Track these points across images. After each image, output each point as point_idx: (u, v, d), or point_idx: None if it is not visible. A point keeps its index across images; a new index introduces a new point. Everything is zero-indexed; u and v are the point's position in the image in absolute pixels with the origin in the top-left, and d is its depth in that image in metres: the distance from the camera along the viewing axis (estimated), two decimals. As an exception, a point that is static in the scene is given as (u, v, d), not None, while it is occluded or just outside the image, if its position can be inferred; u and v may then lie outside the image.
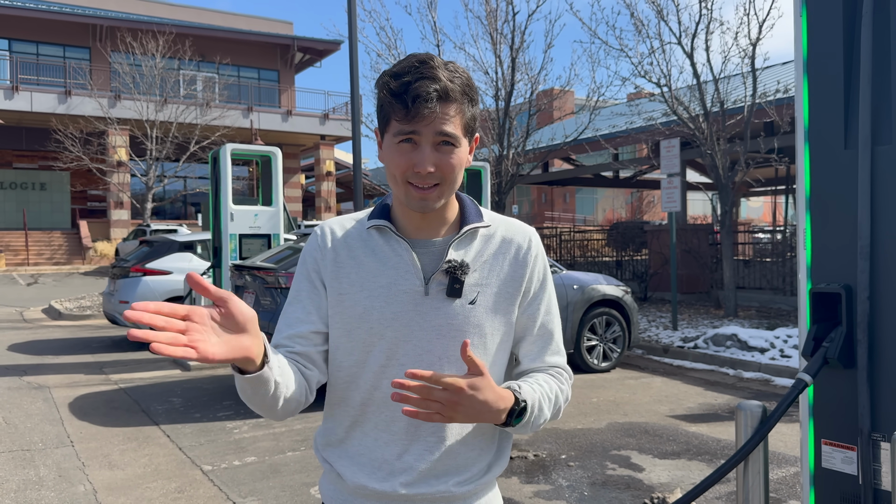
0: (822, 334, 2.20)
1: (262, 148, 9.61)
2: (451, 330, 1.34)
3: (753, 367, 7.96)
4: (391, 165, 1.30)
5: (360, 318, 1.33)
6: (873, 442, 2.14)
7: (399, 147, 1.28)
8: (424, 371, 1.14)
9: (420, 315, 1.33)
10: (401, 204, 1.35)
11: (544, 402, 1.35)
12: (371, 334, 1.33)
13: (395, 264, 1.34)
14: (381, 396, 1.34)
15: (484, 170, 11.92)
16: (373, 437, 1.35)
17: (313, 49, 33.63)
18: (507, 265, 1.40)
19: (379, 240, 1.36)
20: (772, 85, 13.45)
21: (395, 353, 1.33)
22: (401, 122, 1.26)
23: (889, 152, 2.11)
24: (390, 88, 1.26)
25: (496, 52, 14.92)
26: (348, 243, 1.37)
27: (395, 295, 1.32)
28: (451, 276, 1.34)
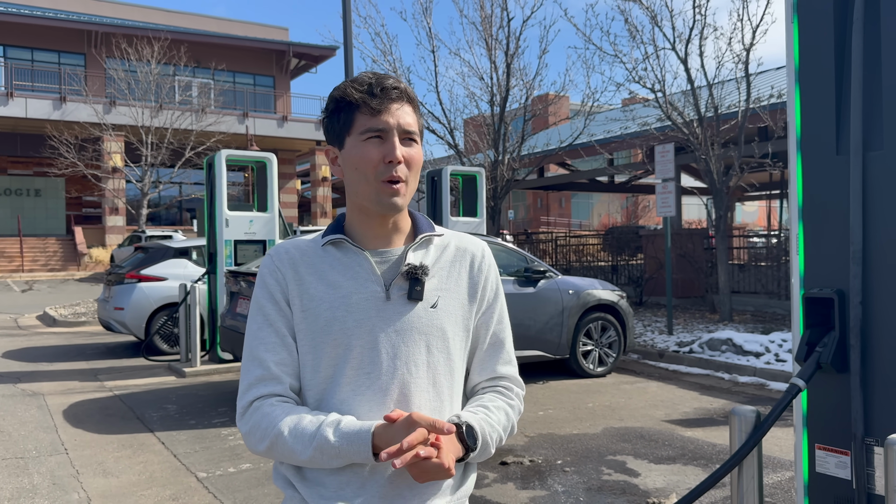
0: (816, 339, 2.21)
1: (257, 154, 9.60)
2: (416, 333, 1.35)
3: (749, 372, 7.97)
4: (361, 163, 1.32)
5: (324, 332, 1.33)
6: (867, 446, 2.15)
7: (368, 143, 1.32)
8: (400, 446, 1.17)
9: (383, 320, 1.33)
10: (362, 213, 1.38)
11: (492, 421, 1.40)
12: (336, 346, 1.32)
13: (354, 274, 1.35)
14: (348, 411, 1.31)
15: (479, 175, 11.93)
16: None
17: (309, 55, 33.66)
18: (465, 273, 1.44)
19: (336, 253, 1.38)
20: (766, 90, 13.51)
21: (360, 362, 1.33)
22: (369, 117, 1.32)
23: (880, 158, 2.12)
24: (355, 88, 1.33)
25: (491, 58, 14.97)
26: (307, 260, 1.38)
27: (357, 303, 1.33)
28: (412, 278, 1.36)
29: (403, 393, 1.33)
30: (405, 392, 1.33)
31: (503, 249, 8.16)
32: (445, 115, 15.73)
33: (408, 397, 1.33)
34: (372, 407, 1.32)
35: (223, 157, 8.99)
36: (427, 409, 1.35)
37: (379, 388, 1.32)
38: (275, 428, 1.26)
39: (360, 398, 1.32)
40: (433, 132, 15.81)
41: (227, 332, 7.27)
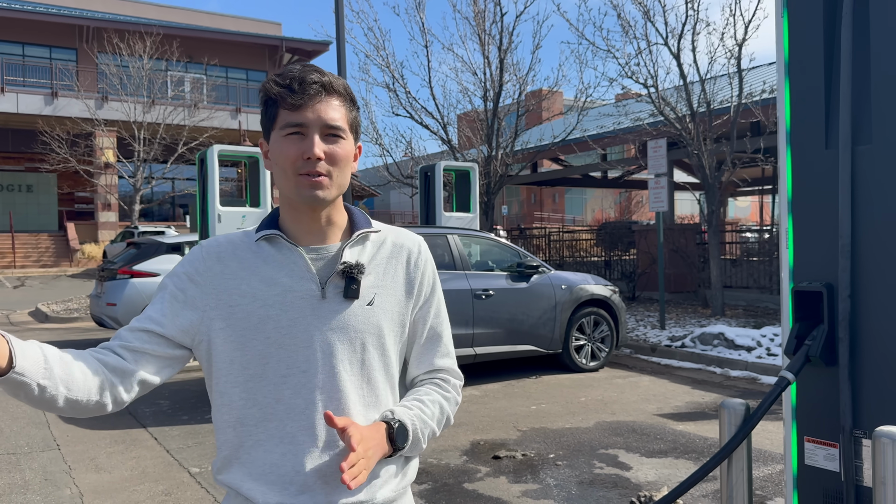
0: (805, 332, 2.23)
1: (249, 149, 9.58)
2: (351, 331, 1.33)
3: (740, 366, 8.01)
4: (280, 158, 1.30)
5: (256, 329, 1.29)
6: (855, 439, 2.17)
7: (287, 139, 1.30)
8: (339, 419, 1.20)
9: (318, 319, 1.31)
10: (292, 208, 1.35)
11: (425, 416, 1.40)
12: (268, 344, 1.29)
13: (289, 271, 1.32)
14: (284, 409, 1.30)
15: (473, 170, 11.93)
16: (279, 453, 1.29)
17: (302, 50, 33.56)
18: (402, 269, 1.43)
19: (270, 249, 1.34)
20: (758, 85, 13.54)
21: (295, 360, 1.30)
22: (289, 111, 1.30)
23: (869, 152, 2.13)
24: (276, 83, 1.31)
25: (484, 53, 14.95)
26: (238, 255, 1.34)
27: (292, 301, 1.31)
28: (348, 276, 1.34)
29: (339, 389, 1.32)
30: (340, 388, 1.32)
31: (496, 245, 8.17)
32: (439, 111, 15.72)
33: (343, 393, 1.32)
34: (308, 405, 1.30)
35: (215, 152, 8.96)
36: (361, 404, 1.34)
37: (314, 386, 1.30)
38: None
39: (294, 396, 1.30)
40: (426, 127, 15.79)
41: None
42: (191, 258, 1.36)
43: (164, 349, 1.32)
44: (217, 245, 1.36)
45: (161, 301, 1.33)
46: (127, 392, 1.29)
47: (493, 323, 7.41)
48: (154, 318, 1.31)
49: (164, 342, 1.31)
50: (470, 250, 7.95)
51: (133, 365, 1.29)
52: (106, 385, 1.25)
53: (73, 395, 1.20)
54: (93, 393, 1.23)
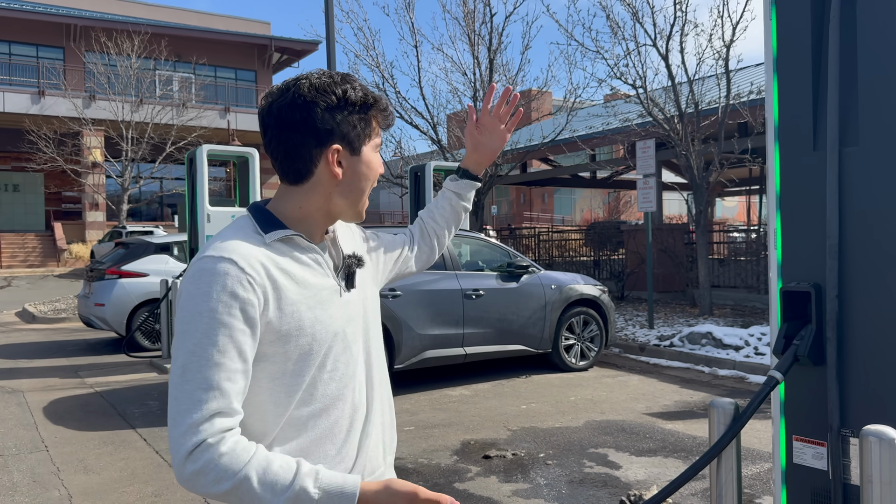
0: (793, 332, 2.25)
1: (238, 149, 9.54)
2: (363, 317, 1.44)
3: (728, 365, 8.06)
4: (372, 172, 1.39)
5: (308, 333, 1.29)
6: (842, 438, 2.19)
7: (376, 154, 1.41)
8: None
9: (344, 311, 1.37)
10: (324, 214, 1.37)
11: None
12: (321, 344, 1.31)
13: (313, 271, 1.34)
14: (319, 407, 1.31)
15: (462, 170, 11.94)
16: (322, 452, 1.32)
17: (291, 49, 33.46)
18: (358, 241, 1.56)
19: (288, 250, 1.31)
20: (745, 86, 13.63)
21: (340, 357, 1.36)
22: (380, 130, 1.40)
23: (856, 154, 2.16)
24: (373, 98, 1.37)
25: (474, 54, 14.96)
26: (271, 261, 1.27)
27: (327, 299, 1.34)
28: (348, 270, 1.42)
29: (370, 375, 1.43)
30: (371, 374, 1.43)
31: (486, 245, 8.18)
32: (428, 111, 15.71)
33: (372, 378, 1.44)
34: (356, 395, 1.38)
35: (204, 151, 8.93)
36: (384, 382, 1.48)
37: (360, 378, 1.40)
38: (240, 471, 1.14)
39: (345, 389, 1.36)
40: (416, 127, 15.80)
41: (209, 328, 7.23)
42: (228, 285, 1.19)
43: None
44: (249, 254, 1.24)
45: (230, 363, 1.19)
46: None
47: (484, 323, 7.42)
48: (241, 370, 1.21)
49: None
50: (460, 250, 7.96)
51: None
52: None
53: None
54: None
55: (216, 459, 1.13)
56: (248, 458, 1.15)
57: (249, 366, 1.22)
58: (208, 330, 1.17)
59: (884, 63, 2.08)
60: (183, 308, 1.21)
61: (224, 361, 1.18)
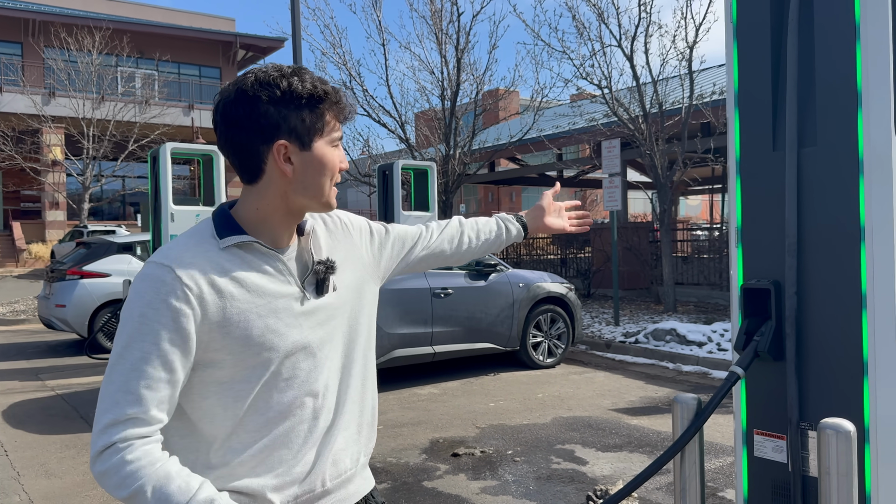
0: (754, 328, 2.30)
1: (203, 147, 9.42)
2: (331, 319, 1.38)
3: (692, 361, 8.19)
4: (327, 167, 1.32)
5: (258, 342, 1.26)
6: (801, 431, 2.25)
7: (334, 149, 1.34)
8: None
9: (307, 318, 1.33)
10: (284, 214, 1.32)
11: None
12: (272, 352, 1.28)
13: (270, 277, 1.30)
14: (272, 414, 1.30)
15: (431, 169, 11.94)
16: (277, 457, 1.31)
17: (256, 46, 33.09)
18: (342, 239, 1.49)
19: (245, 255, 1.28)
20: (708, 87, 13.86)
21: (299, 365, 1.32)
22: (336, 123, 1.34)
23: (814, 154, 2.21)
24: (323, 90, 1.29)
25: (441, 52, 14.98)
26: (219, 268, 1.24)
27: (284, 307, 1.30)
28: (317, 277, 1.37)
29: (346, 378, 1.41)
30: (347, 378, 1.41)
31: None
32: (396, 109, 15.68)
33: (348, 381, 1.42)
34: (318, 401, 1.35)
35: (168, 150, 8.79)
36: (366, 382, 1.46)
37: (326, 383, 1.37)
38: (138, 482, 1.14)
39: (305, 397, 1.33)
40: (384, 126, 15.75)
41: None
42: (162, 293, 1.19)
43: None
44: (191, 263, 1.22)
45: (154, 372, 1.18)
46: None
47: (452, 321, 7.44)
48: (167, 380, 1.19)
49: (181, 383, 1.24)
50: (428, 249, 7.97)
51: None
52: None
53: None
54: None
55: (119, 465, 1.15)
56: (149, 471, 1.15)
57: (178, 375, 1.20)
58: (136, 335, 1.18)
59: (839, 66, 2.14)
60: (123, 309, 1.22)
61: (146, 368, 1.17)
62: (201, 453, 1.28)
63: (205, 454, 1.28)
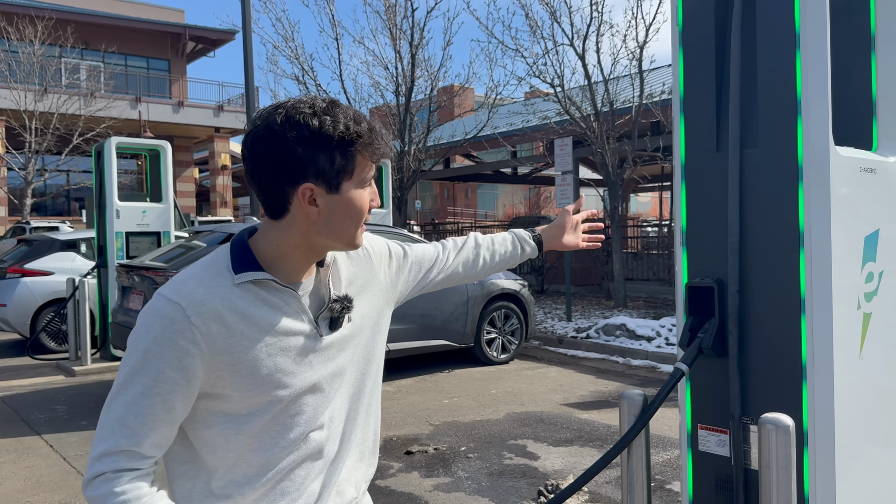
0: (698, 325, 2.35)
1: (150, 141, 9.22)
2: (342, 352, 1.36)
3: (641, 355, 8.35)
4: (356, 211, 1.27)
5: (266, 381, 1.25)
6: (743, 425, 2.31)
7: (364, 189, 1.28)
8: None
9: (318, 355, 1.31)
10: (304, 252, 1.28)
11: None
12: (281, 389, 1.27)
13: (283, 313, 1.27)
14: (277, 449, 1.29)
15: (385, 166, 11.89)
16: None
17: (206, 38, 32.45)
18: (364, 268, 1.46)
19: (259, 292, 1.25)
20: (658, 86, 14.11)
21: (305, 401, 1.31)
22: (368, 163, 1.27)
23: (756, 155, 2.27)
24: (356, 132, 1.23)
25: (396, 48, 14.92)
26: (229, 306, 1.22)
27: (295, 345, 1.28)
28: (332, 315, 1.34)
29: (354, 409, 1.40)
30: (355, 409, 1.40)
31: (410, 240, 8.19)
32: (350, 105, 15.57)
33: (356, 413, 1.40)
34: (324, 433, 1.34)
35: (113, 144, 8.58)
36: (370, 410, 1.45)
37: (332, 416, 1.35)
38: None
39: (311, 432, 1.32)
40: (337, 121, 15.62)
41: (119, 328, 6.97)
42: (170, 331, 1.17)
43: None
44: (202, 302, 1.19)
45: (160, 393, 1.18)
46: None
47: (407, 319, 7.43)
48: (165, 420, 1.19)
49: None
50: (381, 246, 7.94)
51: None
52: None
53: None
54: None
55: (106, 496, 1.16)
56: (132, 501, 1.16)
57: (176, 413, 1.20)
58: (139, 369, 1.17)
59: (780, 71, 2.20)
60: (129, 339, 1.21)
61: (144, 404, 1.17)
62: (200, 480, 1.26)
63: (204, 482, 1.26)
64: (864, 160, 2.35)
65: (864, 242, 2.33)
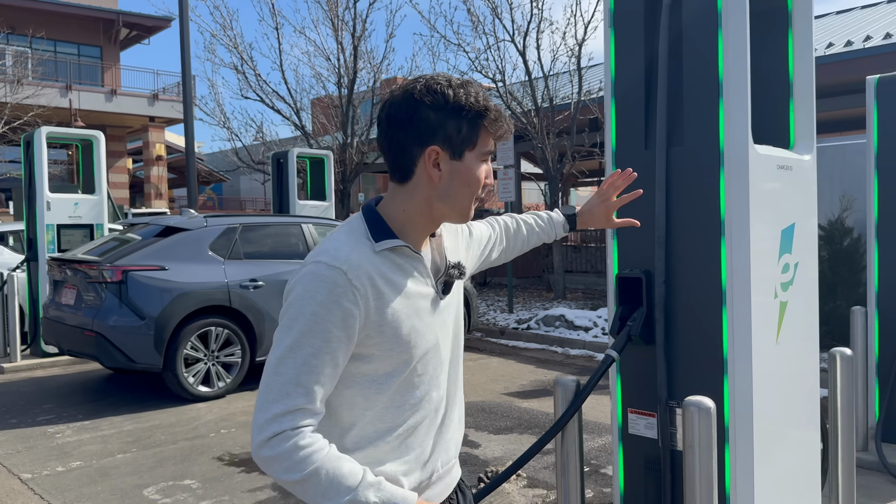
0: (627, 314, 2.47)
1: (82, 131, 8.94)
2: (449, 317, 1.48)
3: (579, 345, 8.57)
4: (473, 180, 1.38)
5: (405, 341, 1.35)
6: (670, 409, 2.44)
7: (482, 163, 1.39)
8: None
9: (437, 317, 1.43)
10: (427, 219, 1.40)
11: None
12: (415, 349, 1.38)
13: (414, 279, 1.39)
14: (406, 407, 1.40)
15: (327, 158, 11.81)
16: (418, 443, 1.41)
17: (141, 25, 31.48)
18: (460, 239, 1.61)
19: (395, 258, 1.37)
20: (596, 84, 14.40)
21: (430, 361, 1.41)
22: (488, 139, 1.39)
23: (681, 153, 2.40)
24: (485, 106, 1.36)
25: (338, 39, 14.81)
26: (377, 271, 1.33)
27: (424, 307, 1.39)
28: (448, 279, 1.47)
29: (454, 374, 1.50)
30: (454, 373, 1.51)
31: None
32: (291, 95, 15.40)
33: (456, 377, 1.52)
34: (439, 394, 1.44)
35: (43, 134, 8.30)
36: (460, 378, 1.54)
37: (443, 378, 1.46)
38: (312, 464, 1.24)
39: (431, 391, 1.42)
40: (278, 112, 15.44)
41: (50, 323, 6.76)
42: (335, 293, 1.28)
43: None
44: (358, 266, 1.30)
45: (329, 352, 1.28)
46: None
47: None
48: (332, 376, 1.30)
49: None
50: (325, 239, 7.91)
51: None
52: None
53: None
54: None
55: (292, 451, 1.24)
56: (321, 455, 1.25)
57: (339, 370, 1.31)
58: (307, 331, 1.26)
59: (704, 76, 2.32)
60: (290, 305, 1.29)
61: (316, 364, 1.27)
62: (334, 436, 1.35)
63: (338, 438, 1.35)
64: (781, 158, 2.50)
65: (781, 235, 2.49)
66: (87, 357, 6.40)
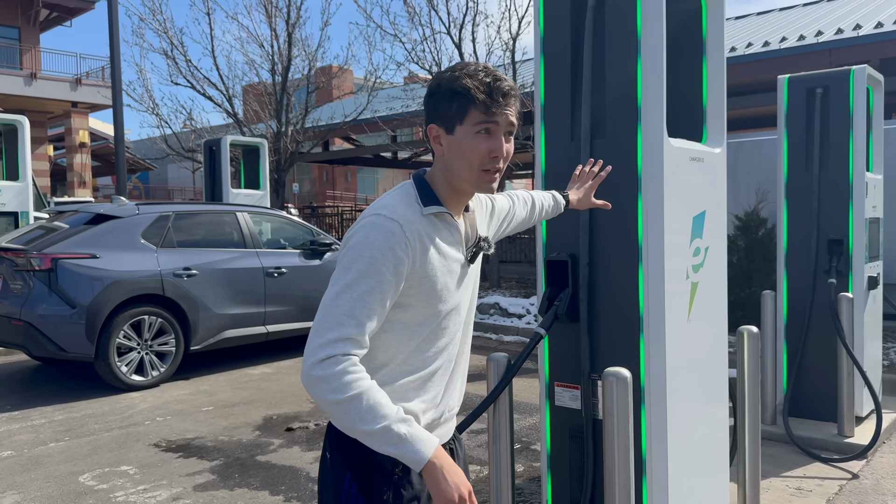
0: (555, 295, 2.66)
1: (6, 116, 8.65)
2: (469, 283, 1.66)
3: (512, 332, 8.83)
4: (469, 153, 1.52)
5: (438, 296, 1.55)
6: (592, 381, 2.64)
7: (477, 136, 1.52)
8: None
9: (462, 281, 1.62)
10: (452, 190, 1.58)
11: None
12: (444, 305, 1.56)
13: (450, 243, 1.58)
14: (429, 354, 1.58)
15: (262, 146, 11.72)
16: (433, 393, 1.60)
17: (63, 7, 30.21)
18: (482, 216, 1.78)
19: (437, 223, 1.56)
20: (530, 78, 14.69)
21: (452, 318, 1.60)
22: (484, 113, 1.51)
23: (604, 145, 2.59)
24: (473, 84, 1.50)
25: (271, 26, 14.65)
26: (425, 230, 1.53)
27: (455, 269, 1.58)
28: (476, 249, 1.65)
29: (465, 332, 1.68)
30: (466, 331, 1.68)
31: (288, 223, 8.19)
32: (223, 82, 15.17)
33: (466, 335, 1.69)
34: (453, 348, 1.63)
35: (-36, 118, 8.01)
36: (470, 336, 1.72)
37: (459, 335, 1.65)
38: (357, 389, 1.40)
39: (449, 344, 1.61)
40: (210, 99, 15.19)
41: (-25, 313, 6.55)
42: (391, 243, 1.46)
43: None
44: (410, 223, 1.49)
45: (381, 292, 1.45)
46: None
47: (286, 300, 7.46)
48: (380, 314, 1.47)
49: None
50: (261, 228, 7.90)
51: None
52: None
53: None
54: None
55: (340, 374, 1.40)
56: (365, 383, 1.42)
57: (386, 310, 1.48)
58: (365, 272, 1.44)
59: (623, 73, 2.52)
60: (350, 249, 1.47)
61: (369, 301, 1.44)
62: (368, 373, 1.50)
63: (371, 374, 1.50)
64: (694, 150, 2.73)
65: (693, 222, 2.71)
66: (14, 347, 6.26)
